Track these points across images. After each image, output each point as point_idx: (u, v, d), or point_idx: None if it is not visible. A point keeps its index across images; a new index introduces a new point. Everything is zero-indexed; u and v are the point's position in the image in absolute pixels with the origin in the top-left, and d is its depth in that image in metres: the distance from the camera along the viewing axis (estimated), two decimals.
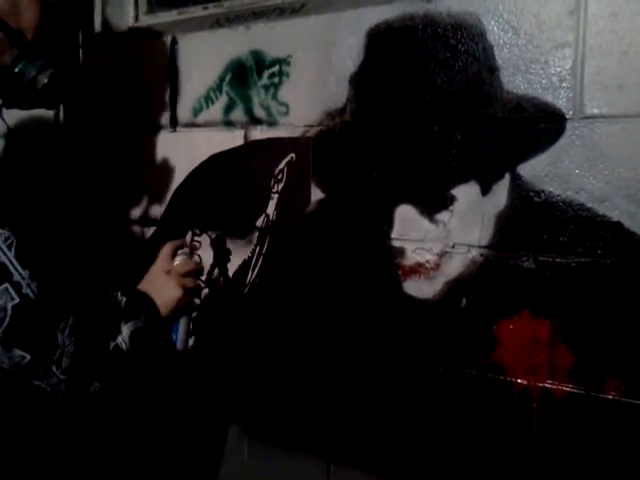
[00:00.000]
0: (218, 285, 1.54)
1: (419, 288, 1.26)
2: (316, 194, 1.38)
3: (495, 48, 1.14)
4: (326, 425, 1.39)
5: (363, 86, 1.30)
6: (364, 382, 1.33)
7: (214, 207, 1.55)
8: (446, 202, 1.21)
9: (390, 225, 1.28)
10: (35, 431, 1.20)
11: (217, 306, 1.54)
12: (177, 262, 1.24)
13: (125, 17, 1.74)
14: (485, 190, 1.18)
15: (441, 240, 1.22)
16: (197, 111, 1.55)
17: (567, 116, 1.08)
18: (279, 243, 1.44)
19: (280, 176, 1.43)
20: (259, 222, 1.46)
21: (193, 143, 1.56)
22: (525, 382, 1.15)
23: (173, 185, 1.61)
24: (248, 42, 1.45)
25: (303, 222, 1.40)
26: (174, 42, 1.58)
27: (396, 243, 1.28)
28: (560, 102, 1.09)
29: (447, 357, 1.23)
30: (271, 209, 1.45)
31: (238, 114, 1.48)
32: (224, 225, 1.53)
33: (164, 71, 1.59)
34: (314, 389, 1.40)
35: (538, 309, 1.13)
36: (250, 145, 1.48)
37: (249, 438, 1.52)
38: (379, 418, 1.32)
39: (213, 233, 1.54)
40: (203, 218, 1.56)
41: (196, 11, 1.64)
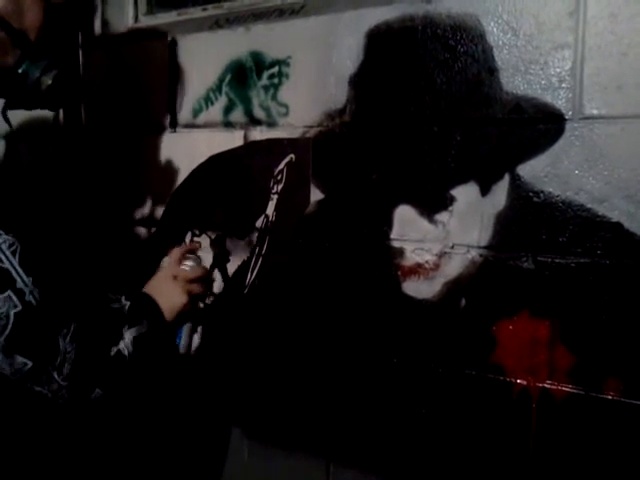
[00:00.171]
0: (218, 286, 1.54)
1: (418, 288, 1.26)
2: (316, 195, 1.38)
3: (494, 49, 1.14)
4: (326, 425, 1.39)
5: (363, 87, 1.30)
6: (364, 382, 1.34)
7: (214, 208, 1.55)
8: (445, 203, 1.22)
9: (389, 226, 1.28)
10: (35, 435, 1.20)
11: (217, 306, 1.54)
12: (185, 267, 1.23)
13: (124, 18, 1.74)
14: (484, 191, 1.18)
15: (440, 241, 1.23)
16: (197, 112, 1.55)
17: (566, 117, 1.08)
18: (279, 244, 1.44)
19: (280, 177, 1.43)
20: (259, 223, 1.46)
21: (193, 144, 1.56)
22: (525, 382, 1.15)
23: (173, 186, 1.61)
24: (248, 43, 1.45)
25: (303, 223, 1.40)
26: (174, 43, 1.58)
27: (395, 244, 1.28)
28: (559, 103, 1.09)
29: (447, 357, 1.23)
30: (271, 210, 1.45)
31: (238, 115, 1.48)
32: (224, 226, 1.53)
33: (164, 72, 1.59)
34: (314, 389, 1.40)
35: (537, 309, 1.13)
36: (250, 146, 1.48)
37: (249, 438, 1.52)
38: (379, 418, 1.32)
39: (213, 234, 1.54)
40: (203, 219, 1.56)
41: (195, 12, 1.64)
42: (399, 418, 1.30)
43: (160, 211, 1.64)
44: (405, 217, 1.27)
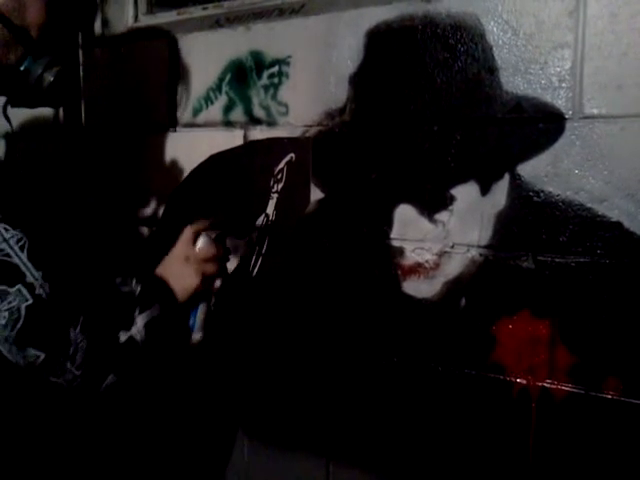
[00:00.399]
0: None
1: (418, 288, 1.26)
2: (316, 194, 1.38)
3: (494, 48, 1.14)
4: (326, 425, 1.39)
5: (363, 86, 1.30)
6: (364, 382, 1.34)
7: (214, 207, 1.55)
8: (445, 202, 1.22)
9: (389, 225, 1.28)
10: (47, 427, 1.22)
11: (216, 306, 1.54)
12: (199, 247, 1.20)
13: (125, 17, 1.74)
14: (484, 190, 1.18)
15: (440, 240, 1.23)
16: (197, 111, 1.55)
17: (566, 116, 1.08)
18: (279, 243, 1.44)
19: (280, 176, 1.43)
20: (259, 222, 1.46)
21: (193, 143, 1.56)
22: (524, 382, 1.15)
23: (173, 185, 1.61)
24: (248, 42, 1.45)
25: (303, 222, 1.40)
26: (174, 42, 1.58)
27: (395, 243, 1.28)
28: (559, 102, 1.09)
29: (447, 357, 1.23)
30: (271, 209, 1.45)
31: (238, 114, 1.48)
32: (224, 225, 1.52)
33: (164, 71, 1.59)
34: (314, 389, 1.40)
35: (537, 309, 1.13)
36: (250, 145, 1.48)
37: (249, 438, 1.53)
38: (379, 418, 1.32)
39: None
40: (203, 218, 1.56)
41: (196, 11, 1.64)
42: (399, 417, 1.30)
43: (160, 210, 1.64)
44: (405, 216, 1.27)
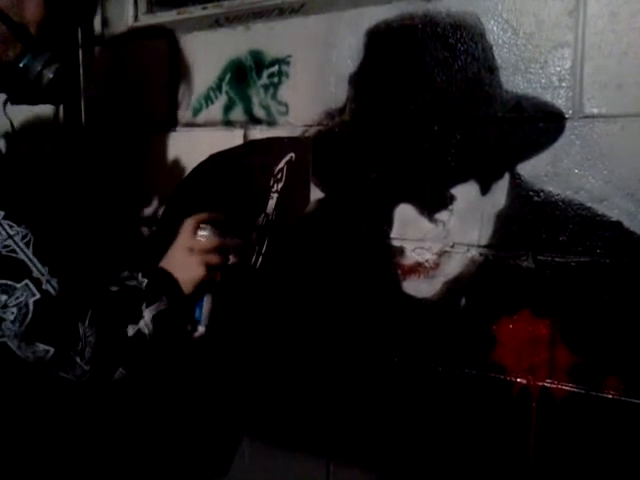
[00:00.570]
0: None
1: (418, 288, 1.26)
2: (316, 194, 1.38)
3: (494, 48, 1.14)
4: (326, 425, 1.39)
5: (363, 86, 1.30)
6: (364, 381, 1.34)
7: (214, 206, 1.54)
8: (445, 202, 1.21)
9: (389, 225, 1.28)
10: (56, 421, 1.23)
11: (218, 302, 1.54)
12: (201, 238, 1.20)
13: (125, 17, 1.74)
14: (484, 190, 1.18)
15: (440, 240, 1.23)
16: (197, 111, 1.55)
17: (566, 115, 1.08)
18: (279, 242, 1.44)
19: (280, 175, 1.43)
20: (259, 221, 1.46)
21: (193, 143, 1.56)
22: (525, 381, 1.15)
23: (173, 184, 1.61)
24: (248, 42, 1.45)
25: (303, 221, 1.40)
26: (174, 42, 1.58)
27: (395, 243, 1.28)
28: (559, 102, 1.09)
29: (447, 356, 1.23)
30: (271, 209, 1.45)
31: (238, 114, 1.48)
32: (224, 224, 1.52)
33: (163, 71, 1.59)
34: (314, 389, 1.40)
35: (538, 308, 1.13)
36: (250, 145, 1.48)
37: (249, 438, 1.53)
38: (379, 418, 1.32)
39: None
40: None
41: (195, 11, 1.64)
42: (399, 417, 1.30)
43: (160, 210, 1.64)
44: (405, 216, 1.27)
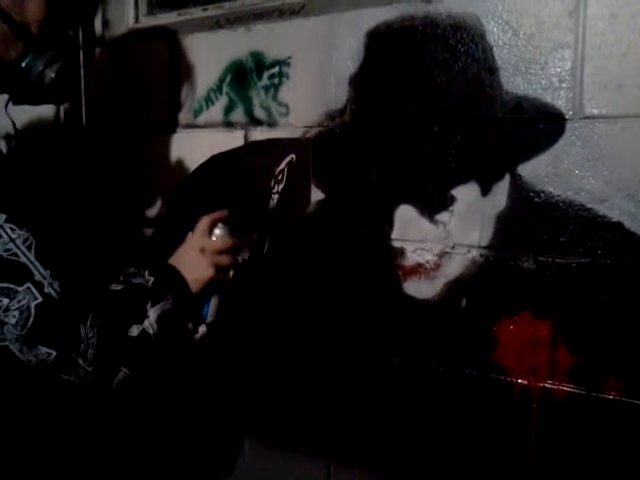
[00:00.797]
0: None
1: (419, 288, 1.26)
2: (316, 195, 1.38)
3: (495, 49, 1.14)
4: (326, 425, 1.39)
5: (363, 87, 1.30)
6: (365, 382, 1.34)
7: (214, 208, 1.54)
8: (446, 203, 1.22)
9: (390, 226, 1.28)
10: (59, 424, 1.22)
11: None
12: (214, 238, 1.19)
13: (125, 18, 1.74)
14: (485, 190, 1.18)
15: (441, 241, 1.23)
16: (197, 112, 1.55)
17: (567, 116, 1.08)
18: (279, 243, 1.44)
19: (280, 177, 1.43)
20: (259, 223, 1.46)
21: (193, 144, 1.56)
22: (525, 382, 1.15)
23: (173, 186, 1.61)
24: (248, 43, 1.45)
25: (303, 223, 1.40)
26: (174, 43, 1.58)
27: (396, 244, 1.28)
28: (560, 102, 1.09)
29: (448, 357, 1.23)
30: (271, 210, 1.45)
31: (238, 115, 1.48)
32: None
33: (164, 72, 1.59)
34: (315, 389, 1.40)
35: (538, 309, 1.13)
36: (250, 146, 1.48)
37: (249, 438, 1.53)
38: (380, 418, 1.32)
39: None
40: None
41: (196, 12, 1.64)
42: (400, 418, 1.30)
43: (160, 211, 1.64)
44: (406, 217, 1.27)
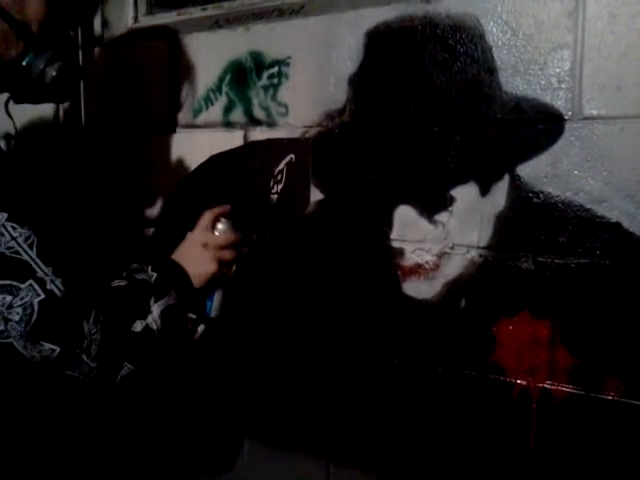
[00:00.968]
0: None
1: (418, 289, 1.26)
2: (315, 195, 1.38)
3: (494, 49, 1.14)
4: (326, 425, 1.39)
5: (362, 87, 1.30)
6: (364, 382, 1.34)
7: (214, 206, 1.54)
8: (445, 203, 1.22)
9: (389, 226, 1.28)
10: (61, 421, 1.23)
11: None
12: (217, 233, 1.19)
13: (124, 18, 1.74)
14: (484, 191, 1.18)
15: (440, 241, 1.23)
16: (197, 112, 1.55)
17: (566, 117, 1.08)
18: (278, 244, 1.44)
19: (280, 177, 1.43)
20: (258, 223, 1.46)
21: (193, 144, 1.56)
22: (525, 383, 1.15)
23: (173, 186, 1.61)
24: (247, 43, 1.45)
25: (303, 223, 1.40)
26: (174, 43, 1.58)
27: (395, 244, 1.28)
28: (559, 103, 1.09)
29: (447, 358, 1.23)
30: (270, 210, 1.45)
31: (238, 115, 1.48)
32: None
33: (163, 72, 1.59)
34: (314, 390, 1.41)
35: (537, 310, 1.13)
36: (250, 146, 1.48)
37: (249, 438, 1.53)
38: (379, 418, 1.32)
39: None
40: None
41: (195, 12, 1.64)
42: (399, 418, 1.30)
43: (159, 211, 1.64)
44: (405, 217, 1.27)
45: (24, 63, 1.03)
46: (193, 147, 1.56)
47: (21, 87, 1.07)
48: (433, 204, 1.23)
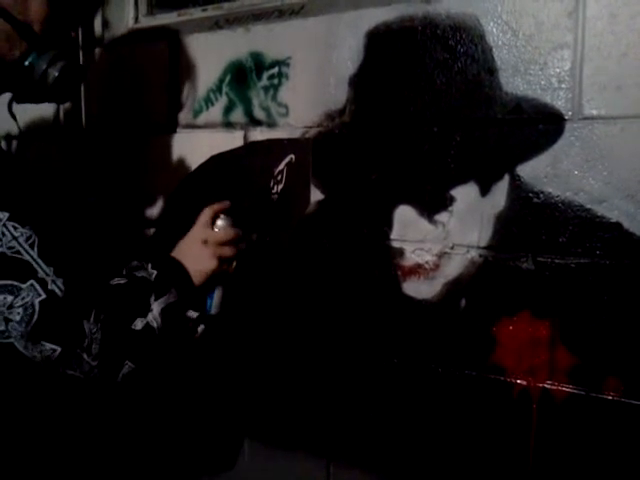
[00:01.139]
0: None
1: (418, 289, 1.26)
2: (316, 195, 1.38)
3: (494, 49, 1.14)
4: (326, 425, 1.39)
5: (362, 87, 1.30)
6: (364, 383, 1.34)
7: None
8: (445, 203, 1.22)
9: (389, 226, 1.28)
10: (62, 420, 1.23)
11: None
12: (217, 229, 1.19)
13: (125, 19, 1.74)
14: (484, 191, 1.18)
15: (440, 241, 1.23)
16: (197, 112, 1.55)
17: (566, 117, 1.08)
18: (279, 244, 1.44)
19: (280, 177, 1.43)
20: (259, 223, 1.46)
21: (193, 144, 1.56)
22: (525, 383, 1.15)
23: (173, 186, 1.61)
24: (247, 44, 1.45)
25: (303, 223, 1.40)
26: (174, 44, 1.58)
27: (395, 244, 1.28)
28: (559, 103, 1.09)
29: (447, 358, 1.23)
30: (271, 210, 1.45)
31: (238, 115, 1.48)
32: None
33: (164, 73, 1.60)
34: (315, 390, 1.41)
35: (538, 310, 1.13)
36: (250, 146, 1.48)
37: (249, 438, 1.53)
38: (379, 419, 1.32)
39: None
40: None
41: (195, 13, 1.64)
42: (399, 418, 1.30)
43: (159, 211, 1.64)
44: (405, 217, 1.27)
45: (27, 63, 1.03)
46: (193, 147, 1.56)
47: (23, 87, 1.07)
48: (433, 204, 1.23)
